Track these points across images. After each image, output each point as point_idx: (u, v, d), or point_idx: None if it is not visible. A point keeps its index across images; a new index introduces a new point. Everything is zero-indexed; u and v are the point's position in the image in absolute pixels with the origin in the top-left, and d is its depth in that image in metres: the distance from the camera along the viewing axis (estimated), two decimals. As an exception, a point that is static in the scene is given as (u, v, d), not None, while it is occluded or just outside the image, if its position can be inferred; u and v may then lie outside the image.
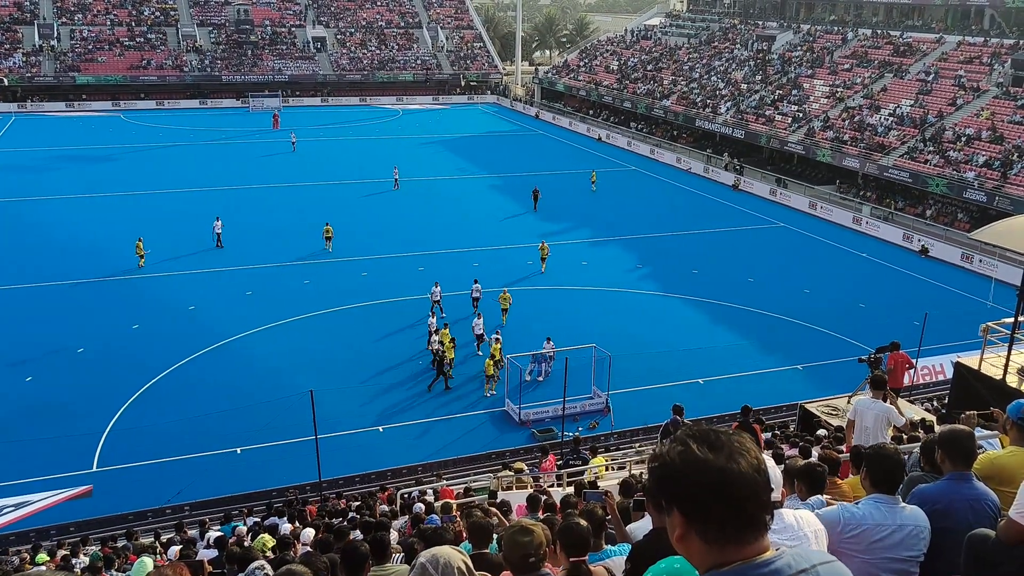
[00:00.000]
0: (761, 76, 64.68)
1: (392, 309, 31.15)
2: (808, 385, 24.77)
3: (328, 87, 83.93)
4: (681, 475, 1.88)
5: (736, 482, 1.85)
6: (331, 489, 19.91)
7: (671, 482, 1.90)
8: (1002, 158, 42.71)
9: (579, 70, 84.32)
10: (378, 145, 63.19)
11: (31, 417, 23.09)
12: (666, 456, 1.92)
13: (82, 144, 60.28)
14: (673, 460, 1.90)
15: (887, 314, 30.57)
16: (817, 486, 5.54)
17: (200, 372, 25.98)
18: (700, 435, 1.92)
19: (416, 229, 41.39)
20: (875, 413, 10.51)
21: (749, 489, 1.86)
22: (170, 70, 79.52)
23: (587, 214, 43.63)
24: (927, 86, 52.58)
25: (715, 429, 1.97)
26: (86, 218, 42.26)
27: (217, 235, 38.05)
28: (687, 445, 1.90)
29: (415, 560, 4.44)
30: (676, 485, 1.89)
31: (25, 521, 18.22)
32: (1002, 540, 4.04)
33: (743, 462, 1.87)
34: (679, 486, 1.88)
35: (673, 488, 1.90)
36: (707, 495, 1.85)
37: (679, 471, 1.88)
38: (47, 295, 31.93)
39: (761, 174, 54.93)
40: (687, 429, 1.98)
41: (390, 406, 24.24)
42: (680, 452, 1.90)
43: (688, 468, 1.87)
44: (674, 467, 1.89)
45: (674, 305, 32.41)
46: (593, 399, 24.42)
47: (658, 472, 1.93)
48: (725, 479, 1.85)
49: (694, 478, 1.86)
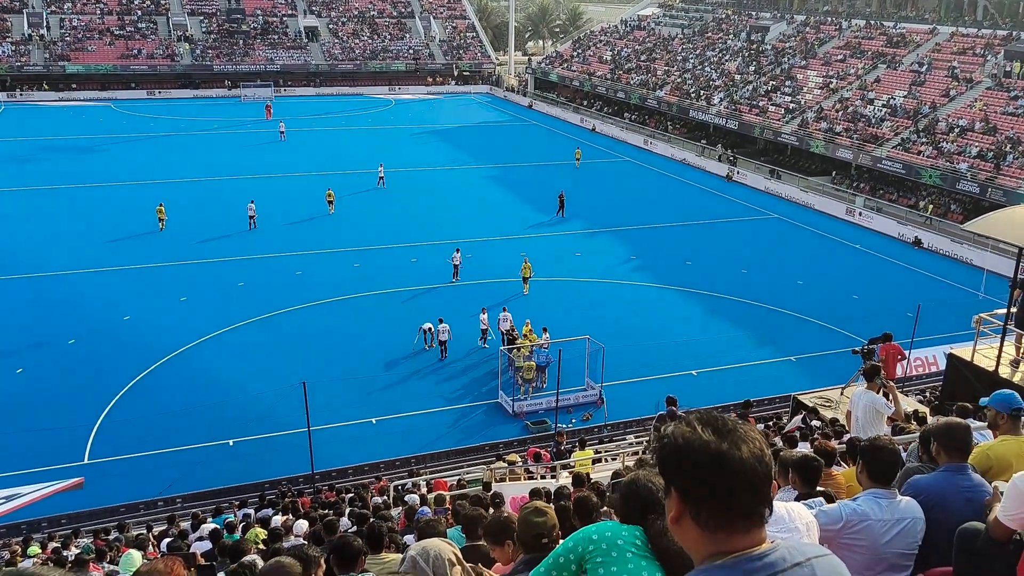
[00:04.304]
0: (755, 67, 64.61)
1: (386, 300, 31.07)
2: (801, 376, 24.80)
3: (320, 77, 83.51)
4: (682, 455, 1.89)
5: (735, 468, 1.85)
6: (324, 481, 19.88)
7: (672, 462, 1.92)
8: (995, 149, 42.79)
9: (572, 60, 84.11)
10: (370, 135, 62.94)
11: (22, 409, 22.96)
12: (671, 436, 1.94)
13: (72, 134, 59.89)
14: (676, 440, 1.92)
15: (880, 305, 30.63)
16: (812, 480, 5.50)
17: (191, 364, 25.87)
18: (707, 419, 1.94)
19: (407, 220, 41.24)
20: (864, 404, 10.59)
21: (747, 477, 1.86)
22: (161, 59, 78.95)
23: (580, 205, 43.53)
24: (920, 77, 52.60)
25: (724, 415, 1.98)
26: (75, 208, 41.97)
27: (251, 218, 38.96)
28: (693, 427, 1.92)
29: (406, 553, 4.40)
30: (676, 465, 1.91)
31: (16, 513, 18.10)
32: (991, 536, 4.02)
33: (745, 450, 1.87)
34: (678, 466, 1.90)
35: (673, 468, 1.92)
36: (704, 478, 1.86)
37: (680, 451, 1.90)
38: (37, 286, 31.73)
39: (755, 165, 54.93)
40: (697, 413, 2.00)
41: (383, 398, 24.17)
42: (684, 433, 1.92)
43: (689, 449, 1.89)
44: (676, 447, 1.91)
45: (667, 297, 32.41)
46: (586, 391, 24.42)
47: (662, 451, 1.95)
48: (724, 463, 1.85)
49: (693, 459, 1.87)
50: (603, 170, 54.05)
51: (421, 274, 33.44)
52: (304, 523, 12.86)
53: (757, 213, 45.35)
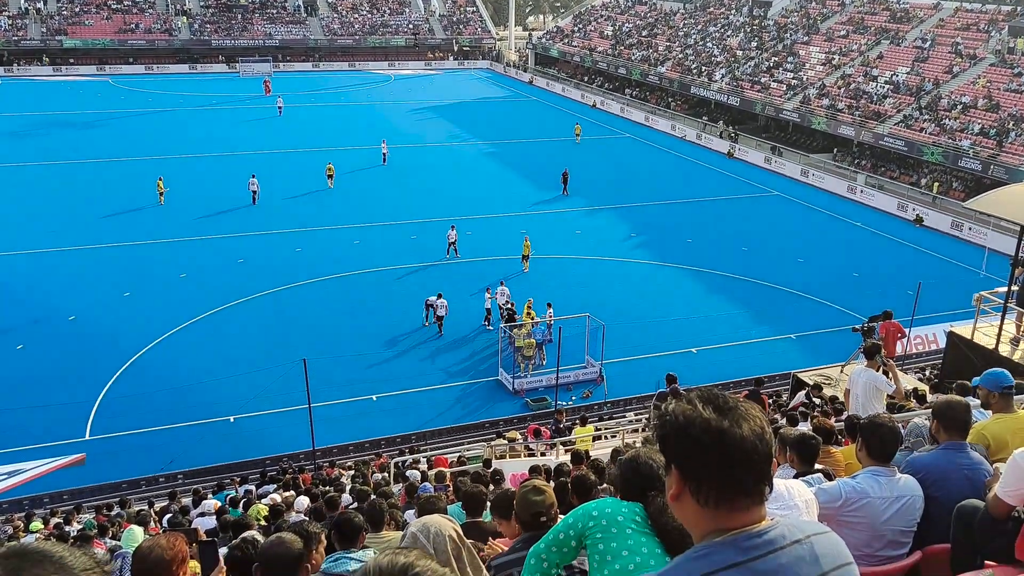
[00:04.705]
0: (756, 42, 64.08)
1: (386, 277, 31.05)
2: (801, 354, 24.83)
3: (319, 52, 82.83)
4: (683, 433, 1.89)
5: (736, 445, 1.86)
6: (325, 457, 19.96)
7: (672, 439, 1.92)
8: (998, 126, 42.55)
9: (573, 35, 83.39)
10: (369, 111, 62.57)
11: (23, 385, 23.00)
12: (672, 413, 1.95)
13: (70, 109, 59.52)
14: (677, 418, 1.92)
15: (881, 283, 30.61)
16: (810, 458, 5.51)
17: (192, 340, 25.88)
18: (708, 397, 1.95)
19: (407, 197, 41.09)
20: (863, 381, 10.59)
21: (748, 455, 1.86)
22: (158, 34, 78.30)
23: (581, 182, 43.35)
24: (924, 53, 52.17)
25: (725, 394, 1.99)
26: (73, 184, 41.79)
27: (253, 192, 38.93)
28: (694, 404, 1.93)
29: (406, 529, 4.42)
30: (676, 442, 1.91)
31: (18, 489, 18.23)
32: (991, 513, 4.03)
33: (746, 427, 1.88)
34: (679, 443, 1.90)
35: (673, 445, 1.92)
36: (705, 455, 1.86)
37: (681, 428, 1.90)
38: (36, 262, 31.69)
39: (756, 142, 54.65)
40: (698, 390, 2.01)
41: (384, 374, 24.21)
42: (685, 410, 1.92)
43: (690, 426, 1.89)
44: (677, 424, 1.91)
45: (668, 274, 32.38)
46: (587, 368, 24.46)
47: (664, 428, 1.96)
48: (725, 440, 1.85)
49: (695, 437, 1.87)
50: (604, 147, 53.77)
51: (421, 251, 33.39)
52: (305, 499, 12.93)
53: (758, 190, 45.19)
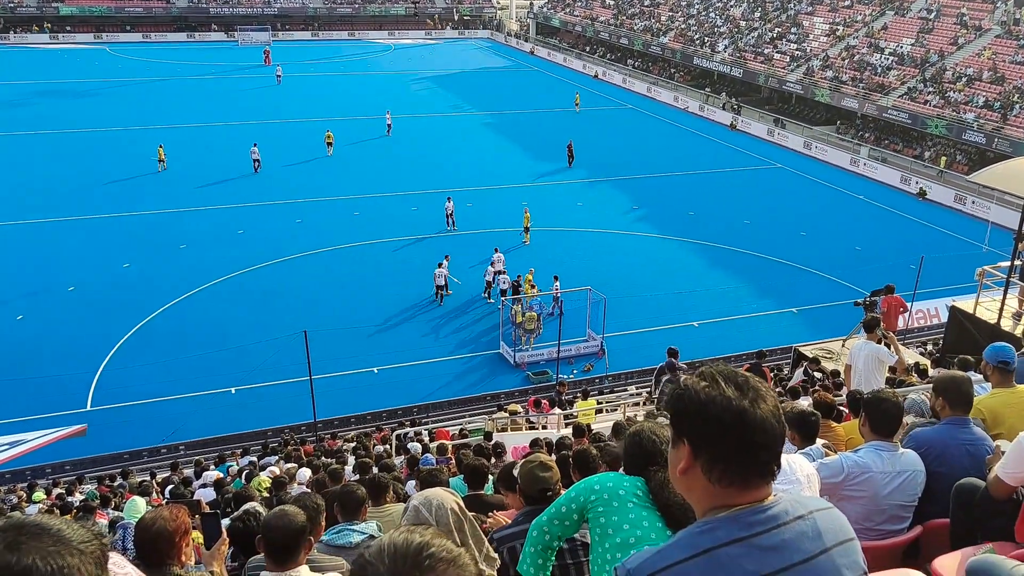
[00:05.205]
0: (760, 13, 63.40)
1: (385, 249, 30.98)
2: (803, 328, 24.83)
3: (318, 20, 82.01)
4: (703, 410, 1.87)
5: (755, 425, 1.85)
6: (326, 429, 20.04)
7: (691, 415, 1.90)
8: (1002, 99, 42.20)
9: (575, 5, 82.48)
10: (369, 81, 62.06)
11: (23, 356, 23.03)
12: (691, 389, 1.92)
13: (67, 78, 59.05)
14: (697, 394, 1.89)
15: (883, 257, 30.52)
16: (810, 435, 5.49)
17: (193, 311, 25.89)
18: (728, 374, 1.93)
19: (407, 167, 40.89)
20: (865, 354, 10.55)
21: (766, 435, 1.86)
22: (156, 1, 77.46)
23: (583, 154, 43.09)
24: (928, 24, 51.62)
25: (742, 372, 1.97)
26: (70, 153, 41.55)
27: (255, 160, 38.95)
28: (714, 381, 1.90)
29: (408, 502, 4.42)
30: (695, 418, 1.89)
31: (20, 460, 18.31)
32: (991, 493, 4.02)
33: (764, 407, 1.87)
34: (698, 420, 1.88)
35: (691, 421, 1.90)
36: (725, 434, 1.85)
37: (701, 404, 1.88)
38: (35, 232, 31.60)
39: (759, 114, 54.26)
40: (715, 366, 1.98)
41: (385, 347, 24.22)
42: (706, 387, 1.90)
43: (712, 404, 1.87)
44: (697, 400, 1.89)
45: (670, 247, 32.29)
46: (588, 342, 24.47)
47: (679, 403, 1.93)
48: (745, 420, 1.84)
49: (715, 414, 1.85)
50: (606, 118, 53.39)
51: (422, 223, 33.28)
52: (307, 471, 12.98)
53: (760, 163, 44.94)
